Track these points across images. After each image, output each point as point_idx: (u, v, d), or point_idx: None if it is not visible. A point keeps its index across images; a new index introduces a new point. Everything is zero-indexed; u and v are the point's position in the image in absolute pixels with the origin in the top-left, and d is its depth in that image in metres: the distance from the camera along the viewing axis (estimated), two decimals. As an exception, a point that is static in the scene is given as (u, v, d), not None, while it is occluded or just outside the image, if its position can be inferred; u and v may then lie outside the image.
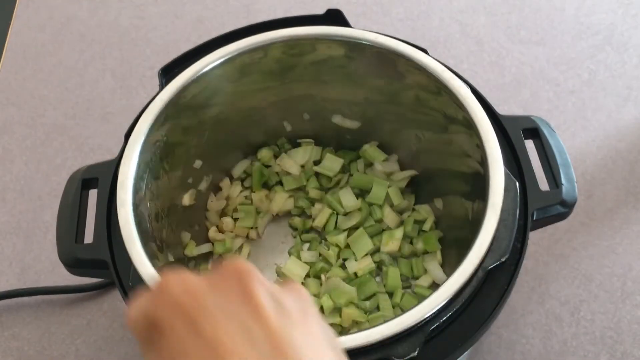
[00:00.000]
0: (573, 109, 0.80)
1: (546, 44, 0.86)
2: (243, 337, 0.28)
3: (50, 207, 0.74)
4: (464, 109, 0.52)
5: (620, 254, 0.69)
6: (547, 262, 0.68)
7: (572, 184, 0.51)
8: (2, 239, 0.73)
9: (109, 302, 0.68)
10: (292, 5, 0.92)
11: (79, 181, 0.55)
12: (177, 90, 0.56)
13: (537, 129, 0.55)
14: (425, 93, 0.57)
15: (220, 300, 0.29)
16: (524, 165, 0.53)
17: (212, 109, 0.61)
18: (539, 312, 0.65)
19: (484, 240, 0.45)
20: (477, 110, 0.52)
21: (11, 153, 0.80)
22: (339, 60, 0.60)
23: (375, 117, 0.66)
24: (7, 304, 0.68)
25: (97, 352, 0.65)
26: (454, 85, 0.53)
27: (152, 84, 0.84)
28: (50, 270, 0.70)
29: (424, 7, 0.91)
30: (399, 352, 0.42)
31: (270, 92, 0.63)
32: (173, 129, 0.57)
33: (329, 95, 0.65)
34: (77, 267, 0.51)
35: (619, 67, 0.83)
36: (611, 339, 0.63)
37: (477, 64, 0.84)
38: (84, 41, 0.90)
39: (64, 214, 0.53)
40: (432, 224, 0.65)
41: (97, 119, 0.82)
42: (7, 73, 0.88)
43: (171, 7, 0.93)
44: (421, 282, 0.63)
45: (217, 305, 0.29)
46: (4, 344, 0.66)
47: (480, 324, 0.46)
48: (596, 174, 0.74)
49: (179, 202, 0.63)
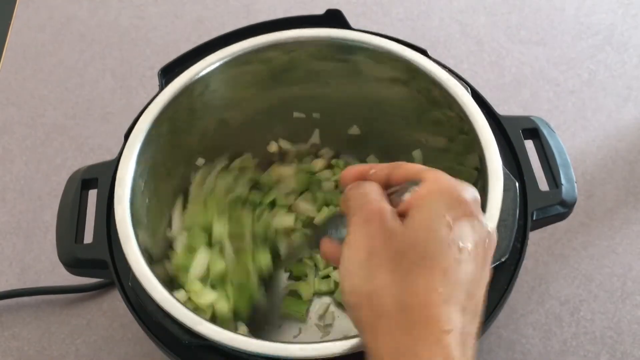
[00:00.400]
0: (573, 109, 0.80)
1: (546, 44, 0.86)
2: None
3: (50, 207, 0.74)
4: (466, 119, 0.52)
5: (620, 254, 0.69)
6: (547, 262, 0.68)
7: (571, 184, 0.52)
8: (2, 239, 0.73)
9: (108, 302, 0.68)
10: (292, 5, 0.92)
11: (79, 181, 0.55)
12: (179, 90, 0.56)
13: (537, 129, 0.55)
14: (425, 97, 0.58)
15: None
16: (523, 166, 0.53)
17: (213, 110, 0.61)
18: (539, 312, 0.65)
19: None
20: (479, 119, 0.52)
21: (11, 153, 0.80)
22: (339, 62, 0.60)
23: (377, 120, 0.65)
24: (7, 304, 0.68)
25: (97, 352, 0.65)
26: (458, 93, 0.53)
27: (152, 84, 0.84)
28: (50, 270, 0.70)
29: (424, 7, 0.91)
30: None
31: (271, 94, 0.63)
32: (174, 128, 0.57)
33: (330, 98, 0.65)
34: (77, 267, 0.51)
35: (619, 67, 0.83)
36: (611, 339, 0.63)
37: (477, 64, 0.84)
38: (84, 41, 0.90)
39: (64, 214, 0.53)
40: None
41: (97, 119, 0.82)
42: (7, 73, 0.88)
43: (171, 7, 0.93)
44: None
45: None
46: (4, 343, 0.66)
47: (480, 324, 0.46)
48: (596, 174, 0.74)
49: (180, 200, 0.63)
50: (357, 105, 0.65)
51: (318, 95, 0.64)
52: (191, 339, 0.44)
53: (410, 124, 0.62)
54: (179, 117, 0.57)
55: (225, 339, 0.43)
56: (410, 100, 0.59)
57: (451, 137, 0.57)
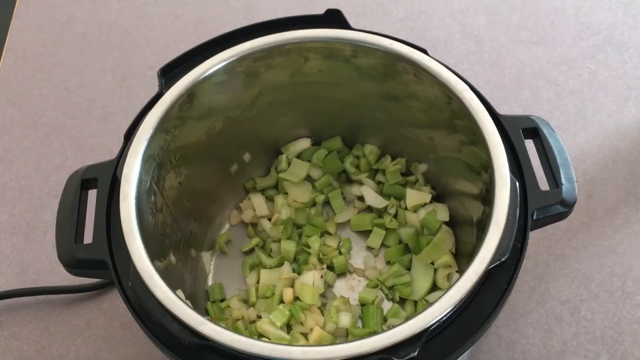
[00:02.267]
0: (573, 109, 0.80)
1: (546, 44, 0.86)
2: None
3: (50, 207, 0.74)
4: (474, 122, 0.53)
5: (621, 253, 0.69)
6: (547, 262, 0.68)
7: (572, 183, 0.51)
8: (2, 239, 0.73)
9: (108, 302, 0.68)
10: (292, 5, 0.92)
11: (78, 182, 0.54)
12: (184, 90, 0.56)
13: (537, 129, 0.55)
14: (428, 101, 0.58)
15: None
16: (523, 165, 0.53)
17: (216, 109, 0.61)
18: (539, 311, 0.65)
19: (484, 258, 0.45)
20: (488, 124, 0.52)
21: (11, 153, 0.80)
22: (344, 62, 0.60)
23: (386, 121, 0.66)
24: (7, 304, 0.68)
25: (97, 352, 0.65)
26: (466, 98, 0.53)
27: (152, 84, 0.84)
28: (50, 270, 0.70)
29: (424, 7, 0.91)
30: (400, 353, 0.42)
31: (276, 94, 0.63)
32: (181, 124, 0.57)
33: (338, 99, 0.65)
34: (77, 267, 0.51)
35: (619, 67, 0.83)
36: (611, 338, 0.63)
37: (477, 64, 0.84)
38: (84, 41, 0.90)
39: (63, 214, 0.53)
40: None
41: (97, 119, 0.82)
42: (7, 73, 0.88)
43: (171, 7, 0.93)
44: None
45: None
46: (4, 343, 0.66)
47: (480, 324, 0.46)
48: (596, 174, 0.74)
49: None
50: (370, 107, 0.65)
51: (327, 96, 0.65)
52: (192, 339, 0.44)
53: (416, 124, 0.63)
54: (184, 117, 0.57)
55: (227, 339, 0.43)
56: (415, 103, 0.60)
57: (462, 141, 0.57)
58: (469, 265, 0.45)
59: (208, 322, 0.44)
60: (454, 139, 0.58)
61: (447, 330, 0.46)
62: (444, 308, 0.44)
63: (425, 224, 0.65)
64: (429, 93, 0.57)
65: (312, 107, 0.67)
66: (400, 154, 0.69)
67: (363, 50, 0.58)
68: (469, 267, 0.45)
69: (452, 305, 0.44)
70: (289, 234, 0.67)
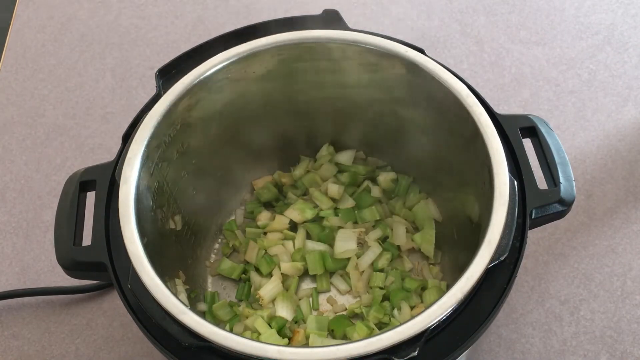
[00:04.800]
0: (573, 109, 0.80)
1: (546, 44, 0.86)
2: None
3: (50, 207, 0.74)
4: (473, 122, 0.53)
5: (620, 253, 0.69)
6: (546, 262, 0.68)
7: (570, 182, 0.51)
8: (2, 239, 0.73)
9: (108, 302, 0.68)
10: (292, 5, 0.92)
11: (77, 183, 0.54)
12: (184, 90, 0.56)
13: (535, 128, 0.55)
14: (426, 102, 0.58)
15: None
16: (522, 164, 0.53)
17: (216, 109, 0.61)
18: (538, 311, 0.65)
19: (479, 264, 0.45)
20: (487, 124, 0.52)
21: (11, 153, 0.80)
22: (344, 62, 0.60)
23: (385, 124, 0.66)
24: (7, 304, 0.68)
25: (97, 352, 0.65)
26: (464, 97, 0.53)
27: (152, 84, 0.83)
28: (50, 270, 0.70)
29: (424, 7, 0.91)
30: (400, 353, 0.42)
31: (274, 96, 0.63)
32: (179, 126, 0.57)
33: (338, 100, 0.65)
34: (76, 269, 0.51)
35: (619, 67, 0.83)
36: (611, 338, 0.63)
37: (477, 64, 0.84)
38: (84, 41, 0.90)
39: (62, 216, 0.53)
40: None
41: (97, 119, 0.82)
42: (7, 73, 0.88)
43: (171, 7, 0.94)
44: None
45: None
46: (4, 343, 0.66)
47: (479, 324, 0.46)
48: (596, 173, 0.74)
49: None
50: (364, 107, 0.65)
51: (330, 96, 0.65)
52: (191, 341, 0.44)
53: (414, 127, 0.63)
54: (183, 117, 0.57)
55: (227, 341, 0.43)
56: (413, 102, 0.60)
57: (462, 145, 0.57)
58: (469, 265, 0.45)
59: (207, 324, 0.44)
60: (452, 138, 0.58)
61: (447, 330, 0.46)
62: (443, 308, 0.44)
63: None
64: (426, 93, 0.57)
65: (311, 109, 0.67)
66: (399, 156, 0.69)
67: (360, 50, 0.58)
68: (468, 267, 0.45)
69: (451, 305, 0.44)
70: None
